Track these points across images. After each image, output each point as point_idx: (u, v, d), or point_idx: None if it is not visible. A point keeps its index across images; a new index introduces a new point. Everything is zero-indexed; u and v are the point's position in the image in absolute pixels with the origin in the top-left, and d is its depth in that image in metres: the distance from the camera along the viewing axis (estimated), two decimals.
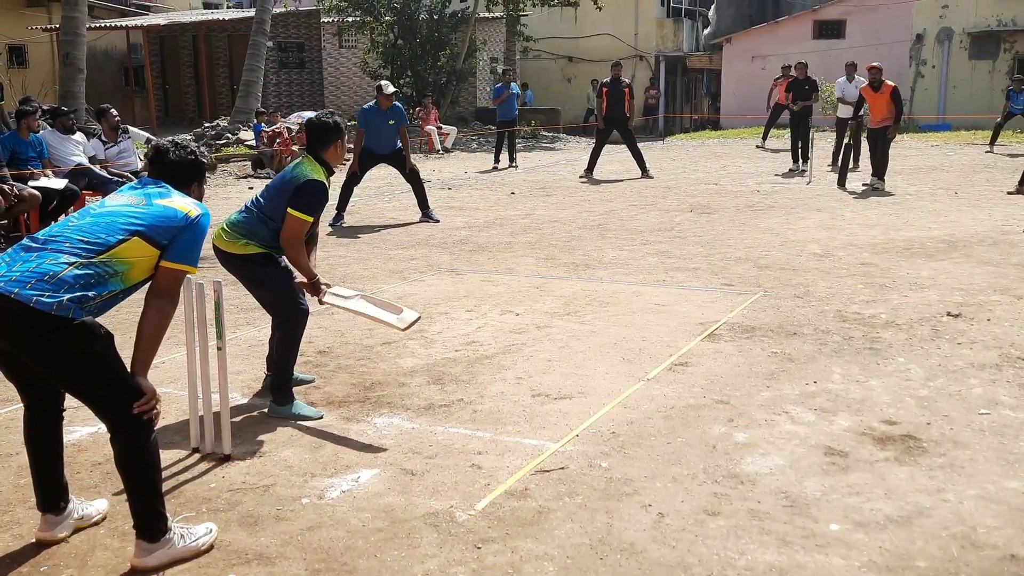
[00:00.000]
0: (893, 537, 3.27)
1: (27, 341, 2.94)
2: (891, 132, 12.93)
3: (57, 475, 3.35)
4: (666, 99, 32.03)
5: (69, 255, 3.00)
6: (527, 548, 3.24)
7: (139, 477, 3.13)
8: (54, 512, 3.31)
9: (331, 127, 4.66)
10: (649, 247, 8.99)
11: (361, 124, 10.90)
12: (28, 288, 2.90)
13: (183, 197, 3.30)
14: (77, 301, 2.95)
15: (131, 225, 3.11)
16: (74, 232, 3.08)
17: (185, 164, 3.41)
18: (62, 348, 2.95)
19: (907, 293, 6.88)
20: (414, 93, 24.80)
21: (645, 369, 5.20)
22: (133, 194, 3.28)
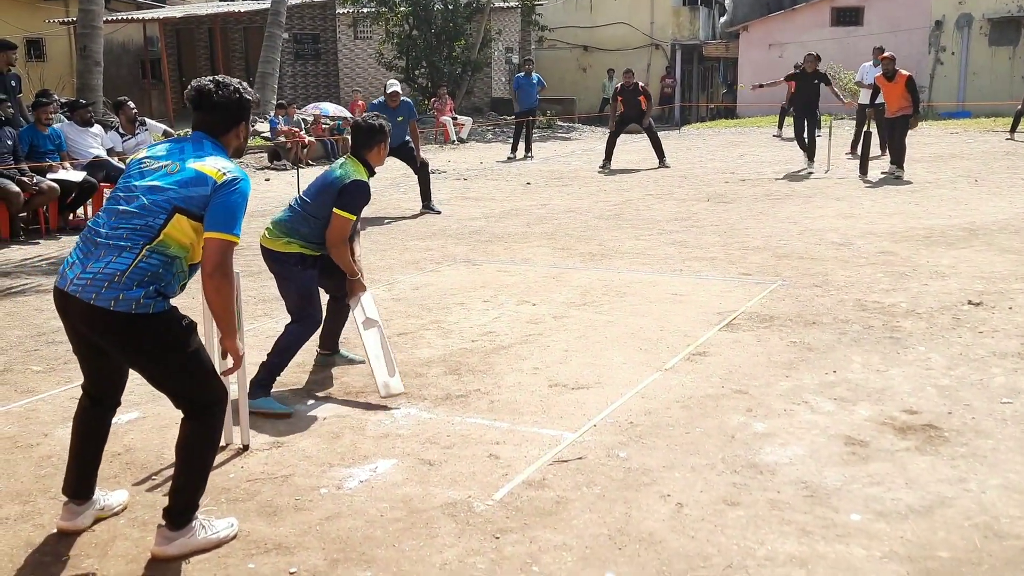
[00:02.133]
0: (915, 527, 3.25)
1: (113, 338, 3.05)
2: (912, 122, 12.80)
3: (94, 466, 3.36)
4: (682, 88, 31.87)
5: (129, 251, 3.01)
6: (545, 538, 3.23)
7: (195, 464, 3.17)
8: (78, 500, 3.32)
9: (376, 129, 4.77)
10: (666, 237, 8.96)
11: None
12: (104, 290, 2.97)
13: (217, 158, 3.12)
14: (152, 295, 3.01)
15: (167, 201, 3.03)
16: (126, 220, 3.04)
17: (232, 104, 3.20)
18: (145, 342, 3.04)
19: (927, 282, 6.82)
20: (429, 84, 24.77)
21: (663, 359, 5.18)
22: (168, 158, 3.14)
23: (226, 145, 3.24)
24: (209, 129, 3.21)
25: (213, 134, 3.21)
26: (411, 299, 6.67)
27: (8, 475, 3.83)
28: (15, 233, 9.51)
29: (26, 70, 18.09)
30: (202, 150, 3.14)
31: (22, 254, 8.81)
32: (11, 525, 3.40)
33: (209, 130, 3.21)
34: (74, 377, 5.08)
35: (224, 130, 3.22)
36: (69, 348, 5.56)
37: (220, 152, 3.18)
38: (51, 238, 9.64)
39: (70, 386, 4.92)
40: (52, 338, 5.83)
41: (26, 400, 4.74)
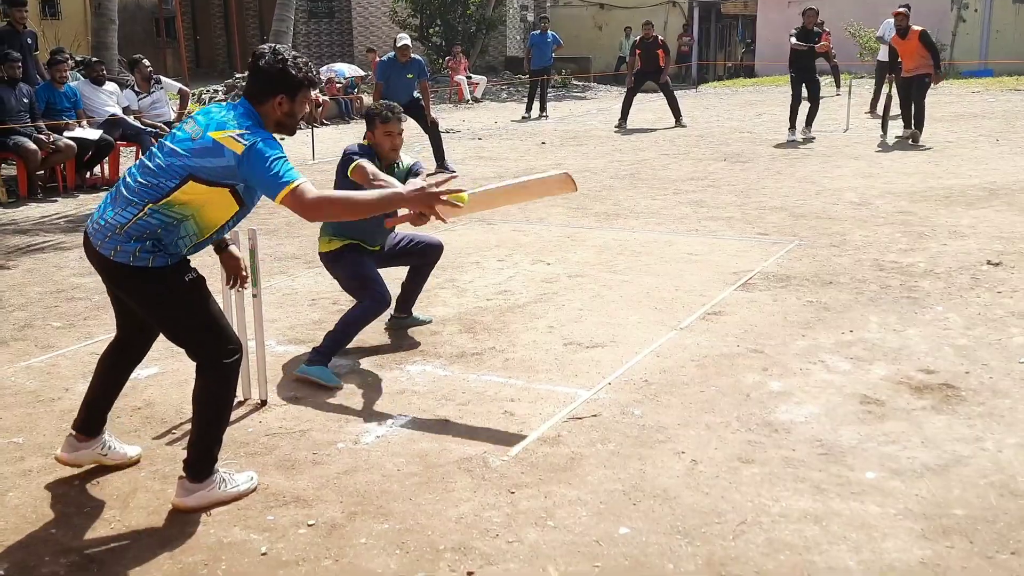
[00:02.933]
0: (930, 485, 3.25)
1: (119, 285, 3.15)
2: (935, 79, 12.18)
3: (105, 405, 3.44)
4: (699, 46, 31.49)
5: (134, 207, 3.03)
6: (560, 493, 3.25)
7: (209, 417, 3.20)
8: (80, 436, 3.40)
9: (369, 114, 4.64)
10: (682, 196, 8.91)
11: (379, 76, 10.88)
12: (107, 240, 3.04)
13: (238, 127, 3.01)
14: (150, 249, 3.03)
15: (183, 168, 3.02)
16: (145, 176, 3.06)
17: (272, 73, 3.12)
18: (146, 294, 3.09)
19: (946, 241, 6.78)
20: (443, 43, 24.59)
21: (678, 318, 5.17)
22: (201, 123, 3.08)
23: (266, 116, 3.14)
24: (249, 94, 3.17)
25: (254, 100, 3.15)
26: None
27: (30, 428, 3.88)
28: (33, 191, 9.55)
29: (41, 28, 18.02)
30: (229, 116, 3.07)
31: (40, 212, 8.86)
32: (34, 477, 3.45)
33: (250, 95, 3.16)
34: (94, 333, 5.12)
35: (261, 98, 3.14)
36: (88, 304, 5.64)
37: (249, 118, 3.08)
38: (69, 196, 9.67)
39: (90, 342, 4.97)
40: (71, 295, 5.88)
41: (47, 356, 4.79)
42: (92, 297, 5.82)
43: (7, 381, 4.43)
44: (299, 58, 3.19)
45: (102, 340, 4.98)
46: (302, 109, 3.21)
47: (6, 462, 3.57)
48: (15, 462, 3.57)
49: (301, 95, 3.18)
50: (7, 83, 9.46)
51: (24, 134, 9.44)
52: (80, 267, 6.60)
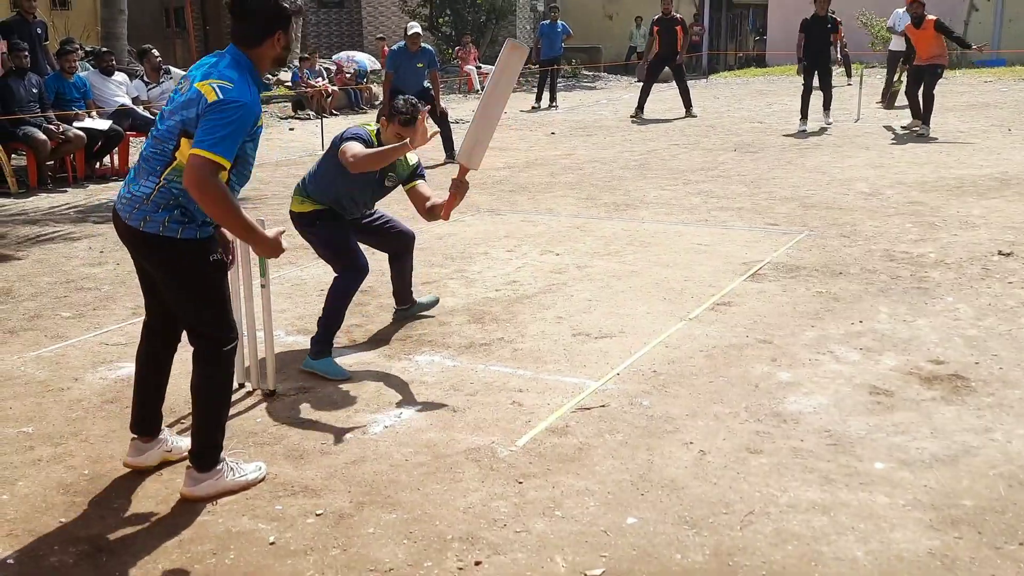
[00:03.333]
0: (939, 476, 3.24)
1: (147, 256, 3.14)
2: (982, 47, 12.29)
3: (155, 402, 3.41)
4: (710, 36, 31.36)
5: (153, 174, 3.04)
6: (568, 483, 3.25)
7: (208, 405, 3.21)
8: (143, 437, 3.38)
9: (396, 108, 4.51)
10: (692, 187, 8.88)
11: (389, 66, 10.87)
12: (135, 211, 3.04)
13: (223, 76, 2.94)
14: (179, 218, 3.04)
15: (176, 124, 2.98)
16: (154, 145, 3.06)
17: (266, 10, 3.01)
18: (171, 264, 3.09)
19: (957, 232, 6.74)
20: (453, 32, 24.53)
21: (687, 309, 5.16)
22: (191, 73, 3.05)
23: (260, 57, 3.05)
24: (242, 39, 3.04)
25: (246, 45, 3.04)
26: (435, 248, 6.67)
27: (40, 418, 3.89)
28: (43, 181, 9.57)
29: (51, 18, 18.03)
30: (216, 68, 2.98)
31: (50, 202, 8.88)
32: (43, 466, 3.46)
33: (242, 40, 3.04)
34: (103, 323, 5.14)
35: (257, 40, 3.03)
36: (98, 295, 5.66)
37: (236, 68, 2.99)
38: (78, 186, 9.69)
39: (99, 332, 4.99)
40: (81, 284, 5.90)
41: (56, 345, 4.81)
42: (102, 287, 5.84)
43: (17, 371, 4.45)
44: None
45: (111, 330, 5.00)
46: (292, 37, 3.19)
47: (16, 451, 3.59)
48: (24, 451, 3.59)
49: (293, 25, 3.16)
50: (16, 73, 9.49)
51: (34, 124, 9.46)
52: (89, 257, 6.62)
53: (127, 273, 5.99)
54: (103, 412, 3.95)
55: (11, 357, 4.64)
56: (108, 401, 4.06)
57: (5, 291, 5.79)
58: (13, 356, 4.65)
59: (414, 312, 5.16)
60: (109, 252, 6.71)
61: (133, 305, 5.37)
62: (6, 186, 9.21)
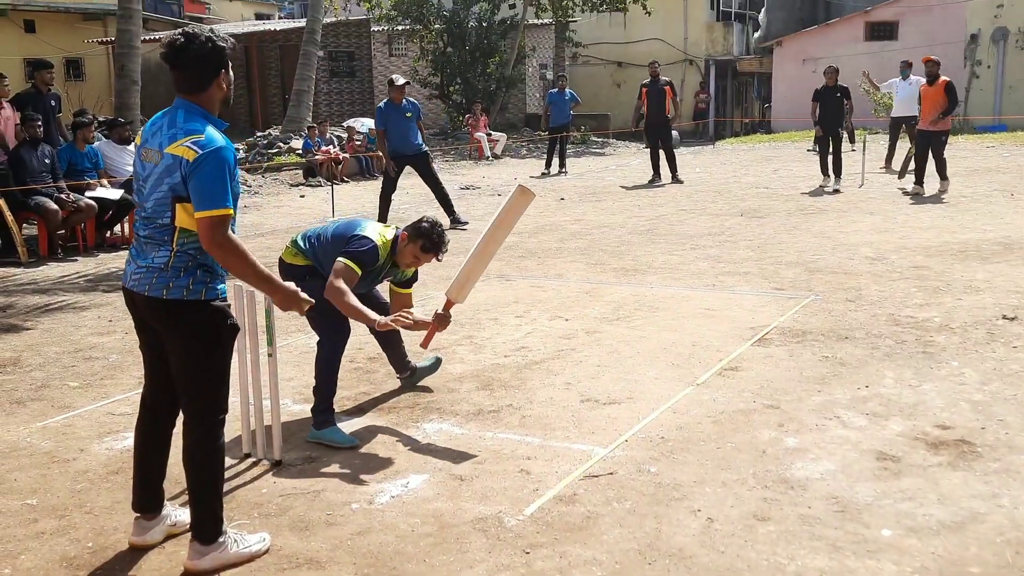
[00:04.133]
0: (946, 543, 3.22)
1: (170, 323, 3.14)
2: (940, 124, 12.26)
3: (157, 478, 3.40)
4: (716, 103, 31.80)
5: (164, 244, 3.09)
6: (576, 553, 3.23)
7: (205, 476, 3.21)
8: (147, 515, 3.37)
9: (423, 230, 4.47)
10: (699, 252, 8.94)
11: (379, 124, 11.02)
12: (155, 280, 3.09)
13: (189, 133, 3.00)
14: (201, 279, 3.11)
15: (165, 196, 3.04)
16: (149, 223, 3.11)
17: (207, 54, 3.05)
18: (192, 327, 3.13)
19: (961, 296, 6.75)
20: (464, 100, 24.92)
21: (695, 374, 5.17)
22: (153, 143, 3.08)
23: (210, 101, 3.11)
24: (188, 88, 3.08)
25: (192, 92, 3.08)
26: None
27: (45, 490, 3.90)
28: (53, 250, 9.68)
29: (65, 89, 18.43)
30: (175, 125, 3.04)
31: (60, 271, 8.97)
32: (47, 539, 3.46)
33: (188, 89, 3.08)
34: (111, 392, 5.17)
35: (204, 84, 3.08)
36: (105, 364, 5.69)
37: (196, 120, 3.05)
38: (89, 255, 9.79)
39: (106, 401, 5.01)
40: (89, 354, 5.94)
41: (63, 416, 4.83)
42: (109, 357, 5.88)
43: (23, 442, 4.46)
44: (210, 28, 3.17)
45: (118, 400, 5.03)
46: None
47: (19, 524, 3.58)
48: (28, 524, 3.58)
49: (230, 62, 3.18)
50: (30, 144, 9.67)
51: (45, 194, 9.61)
52: (98, 326, 6.67)
53: (135, 342, 5.98)
54: (108, 483, 3.95)
55: (18, 428, 4.65)
56: (113, 472, 4.06)
57: (13, 361, 5.84)
58: (20, 427, 4.67)
59: (418, 379, 5.14)
60: (118, 321, 6.76)
61: (140, 374, 5.34)
62: (17, 255, 9.32)
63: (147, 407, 3.39)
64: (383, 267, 4.56)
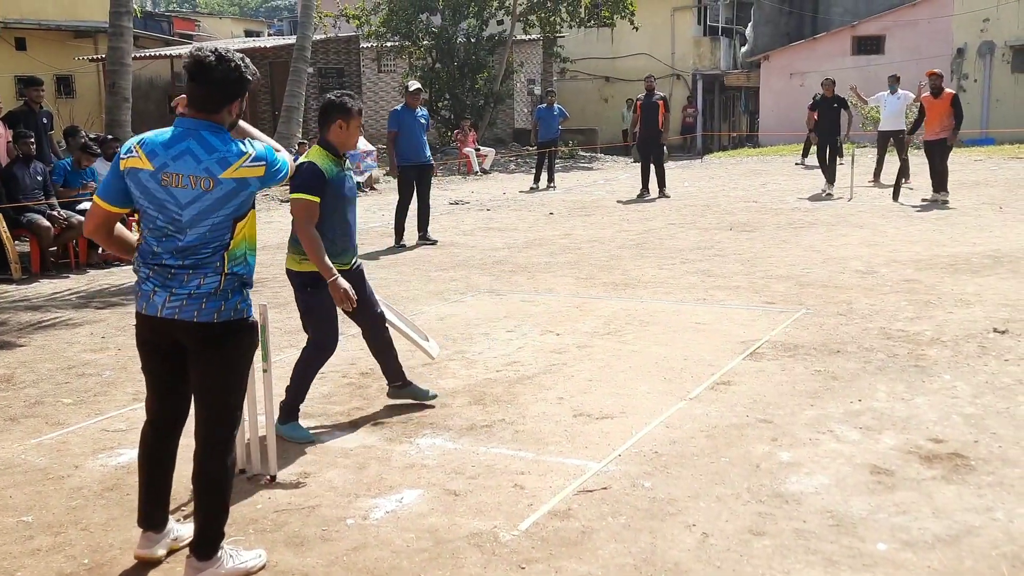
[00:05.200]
0: (942, 556, 3.23)
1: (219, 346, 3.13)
2: (950, 140, 12.87)
3: (165, 494, 3.38)
4: (704, 117, 31.96)
5: (212, 273, 3.07)
6: (571, 568, 3.24)
7: (216, 496, 3.22)
8: (155, 530, 3.36)
9: (333, 105, 4.56)
10: (689, 266, 8.97)
11: (392, 125, 10.90)
12: (204, 308, 3.07)
13: (240, 156, 3.04)
14: (246, 298, 3.17)
15: (226, 219, 3.06)
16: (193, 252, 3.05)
17: (231, 80, 3.07)
18: (240, 347, 3.17)
19: (952, 309, 6.80)
20: (452, 116, 24.99)
21: (687, 388, 5.18)
22: (192, 171, 3.01)
23: (220, 123, 3.10)
24: (203, 105, 3.07)
25: (206, 111, 3.07)
26: (436, 329, 6.70)
27: (40, 507, 3.88)
28: (45, 267, 9.66)
29: (56, 107, 18.39)
30: (215, 149, 3.02)
31: (52, 288, 8.95)
32: (43, 556, 3.45)
33: (202, 106, 3.07)
34: (105, 409, 5.15)
35: (218, 107, 3.08)
36: (99, 381, 5.67)
37: (227, 139, 3.07)
38: (80, 272, 9.77)
39: (100, 418, 4.99)
40: (82, 371, 5.92)
41: (57, 432, 4.81)
42: (103, 373, 5.86)
43: (17, 459, 4.44)
44: (243, 57, 3.15)
45: (112, 416, 5.01)
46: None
47: (15, 541, 3.57)
48: (24, 541, 3.57)
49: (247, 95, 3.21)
50: (22, 161, 9.65)
51: (37, 211, 9.59)
52: (91, 343, 6.65)
53: (128, 359, 6.01)
54: (103, 500, 3.93)
55: (12, 445, 4.63)
56: (108, 488, 4.05)
57: (6, 378, 5.81)
58: (14, 444, 4.65)
59: (409, 394, 5.06)
60: (111, 338, 6.74)
61: (134, 390, 5.38)
62: (9, 272, 9.29)
63: (155, 427, 3.34)
64: (339, 175, 4.57)
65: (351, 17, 25.46)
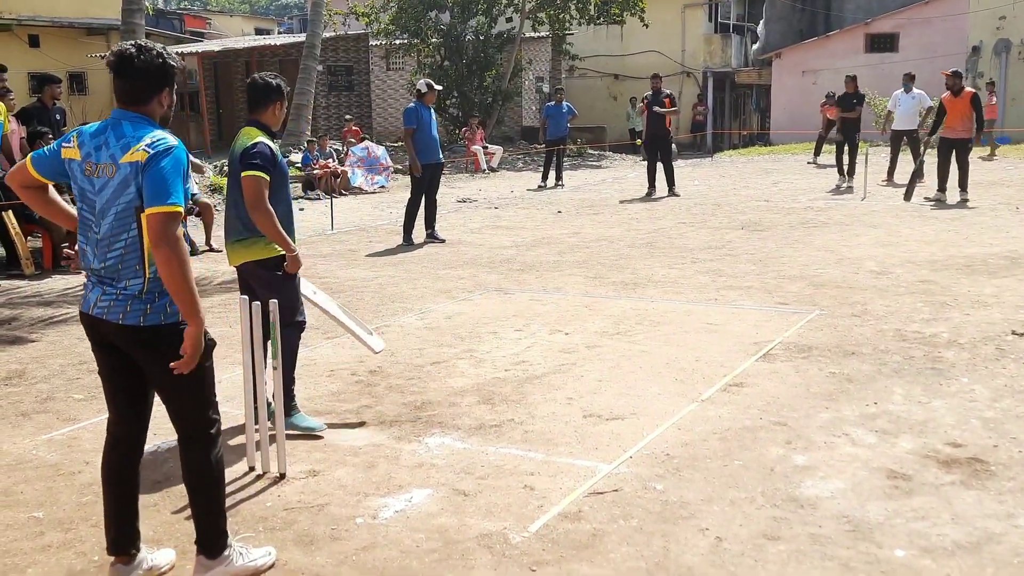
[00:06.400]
0: (962, 564, 3.17)
1: (150, 349, 3.04)
2: (974, 142, 12.95)
3: (131, 517, 3.25)
4: (714, 115, 31.85)
5: (135, 275, 2.99)
6: (582, 571, 3.19)
7: (205, 492, 3.16)
8: (123, 559, 3.20)
9: (272, 88, 4.56)
10: (700, 265, 8.91)
11: (411, 121, 10.71)
12: (130, 309, 2.99)
13: (141, 139, 2.95)
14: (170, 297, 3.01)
15: (127, 208, 2.95)
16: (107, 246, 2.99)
17: (153, 69, 3.01)
18: (176, 350, 2.99)
19: (969, 311, 6.72)
20: (460, 114, 24.95)
21: (699, 390, 5.13)
22: (102, 158, 2.98)
23: (151, 114, 3.06)
24: (130, 98, 3.03)
25: (134, 103, 3.03)
26: (444, 328, 6.67)
27: (51, 503, 3.86)
28: (57, 263, 9.64)
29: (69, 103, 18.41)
30: (124, 135, 2.98)
31: (64, 283, 8.93)
32: (54, 552, 3.42)
33: (130, 99, 3.03)
34: None
35: (146, 98, 3.04)
36: None
37: (142, 127, 3.01)
38: None
39: None
40: (94, 367, 5.84)
41: (68, 428, 4.78)
42: None
43: (29, 454, 4.42)
44: (164, 47, 3.10)
45: None
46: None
47: (26, 537, 3.54)
48: (35, 537, 3.54)
49: (175, 85, 3.14)
50: None
51: None
52: None
53: None
54: None
55: (23, 440, 4.61)
56: None
57: (18, 373, 5.79)
58: (25, 439, 4.63)
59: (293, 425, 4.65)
60: None
61: None
62: (21, 268, 9.28)
63: (114, 439, 3.24)
64: (280, 155, 4.58)
65: (360, 15, 25.42)
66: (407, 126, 10.78)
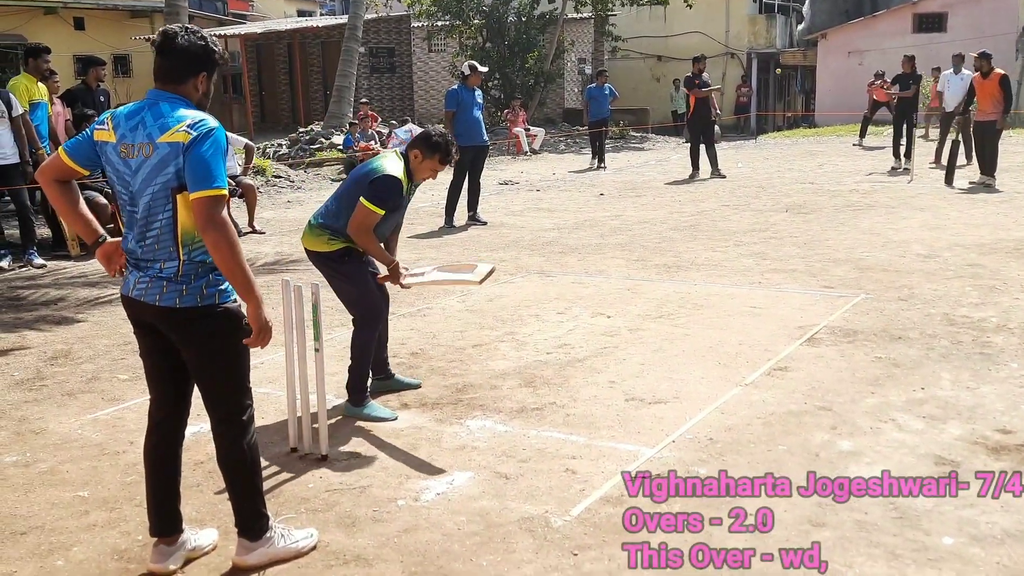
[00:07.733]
0: (1012, 552, 3.11)
1: (185, 333, 3.06)
2: (1000, 124, 12.47)
3: (173, 499, 3.25)
4: (758, 97, 31.45)
5: (170, 258, 3.00)
6: (625, 556, 3.17)
7: (241, 475, 3.18)
8: (167, 540, 3.23)
9: (440, 144, 4.56)
10: (743, 248, 8.81)
11: (451, 104, 10.75)
12: (165, 292, 3.00)
13: (180, 119, 2.94)
14: (215, 283, 3.03)
15: (164, 188, 2.94)
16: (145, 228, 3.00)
17: (195, 50, 3.01)
18: (212, 334, 3.04)
19: (1019, 296, 6.58)
20: (502, 95, 24.88)
21: (742, 374, 5.08)
22: (139, 137, 2.97)
23: (185, 95, 3.03)
24: (168, 76, 3.02)
25: (172, 81, 3.02)
26: (485, 311, 6.67)
27: (96, 482, 3.92)
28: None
29: (113, 85, 18.67)
30: (163, 115, 2.96)
31: None
32: (98, 531, 3.47)
33: (168, 77, 3.02)
34: None
35: (182, 78, 3.02)
36: None
37: (179, 107, 2.99)
38: None
39: None
40: (137, 348, 5.96)
41: (113, 408, 4.86)
42: None
43: (74, 434, 4.49)
44: (211, 34, 3.07)
45: None
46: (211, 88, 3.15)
47: (71, 516, 3.60)
48: (80, 516, 3.60)
49: (216, 74, 3.12)
50: None
51: (96, 188, 9.70)
52: None
53: None
54: None
55: (69, 420, 4.69)
56: None
57: (64, 353, 5.89)
58: (71, 419, 4.70)
59: (393, 387, 4.97)
60: None
61: None
62: (67, 249, 9.42)
63: (155, 422, 3.27)
64: (409, 194, 4.63)
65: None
66: (447, 108, 10.82)
